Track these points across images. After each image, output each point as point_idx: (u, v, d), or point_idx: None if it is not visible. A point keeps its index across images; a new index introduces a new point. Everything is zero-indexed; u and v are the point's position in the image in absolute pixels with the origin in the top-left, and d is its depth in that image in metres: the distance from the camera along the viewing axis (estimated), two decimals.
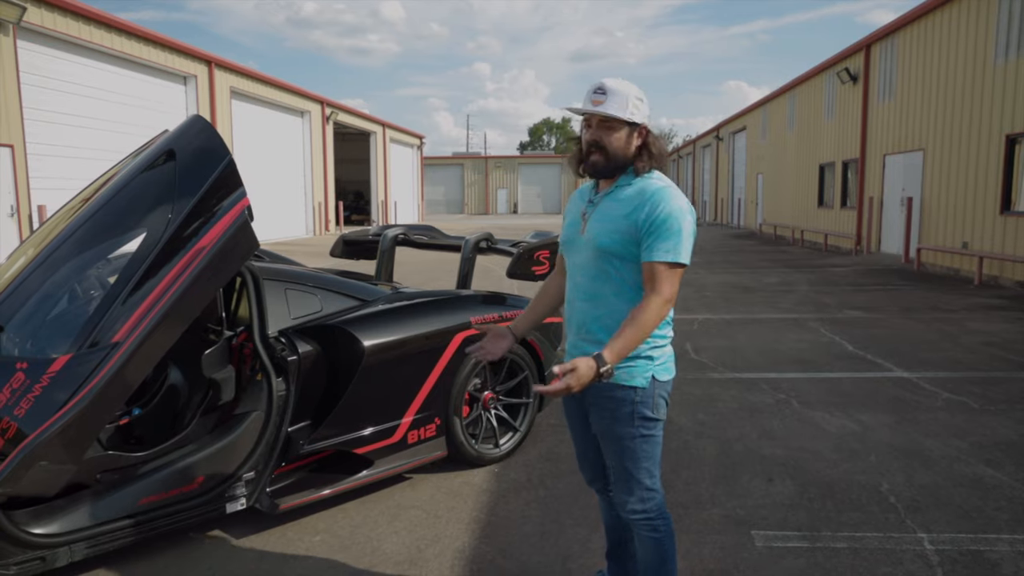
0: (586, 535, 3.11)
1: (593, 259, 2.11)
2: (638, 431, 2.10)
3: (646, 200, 2.03)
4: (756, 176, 27.68)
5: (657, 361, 2.11)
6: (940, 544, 2.98)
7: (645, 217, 2.02)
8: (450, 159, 55.06)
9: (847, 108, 17.89)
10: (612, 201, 2.11)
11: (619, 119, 2.05)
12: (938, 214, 13.22)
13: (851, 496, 3.46)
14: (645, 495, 2.16)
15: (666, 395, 2.15)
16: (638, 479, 2.15)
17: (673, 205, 2.01)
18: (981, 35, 11.76)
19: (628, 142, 2.08)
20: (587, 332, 2.14)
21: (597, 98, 2.05)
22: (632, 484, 2.15)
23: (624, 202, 2.08)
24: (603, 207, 2.12)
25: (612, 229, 2.07)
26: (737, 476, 3.73)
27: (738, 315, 8.63)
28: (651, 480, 2.17)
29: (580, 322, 2.17)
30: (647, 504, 2.17)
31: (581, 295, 2.16)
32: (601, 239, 2.08)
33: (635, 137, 2.09)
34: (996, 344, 6.80)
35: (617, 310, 2.08)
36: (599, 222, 2.11)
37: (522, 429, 4.06)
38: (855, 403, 4.97)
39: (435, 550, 3.02)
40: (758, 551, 2.95)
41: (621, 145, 2.07)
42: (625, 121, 2.06)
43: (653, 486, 2.17)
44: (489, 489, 3.61)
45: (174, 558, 2.97)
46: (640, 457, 2.13)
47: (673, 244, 1.99)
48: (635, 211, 2.04)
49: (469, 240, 4.49)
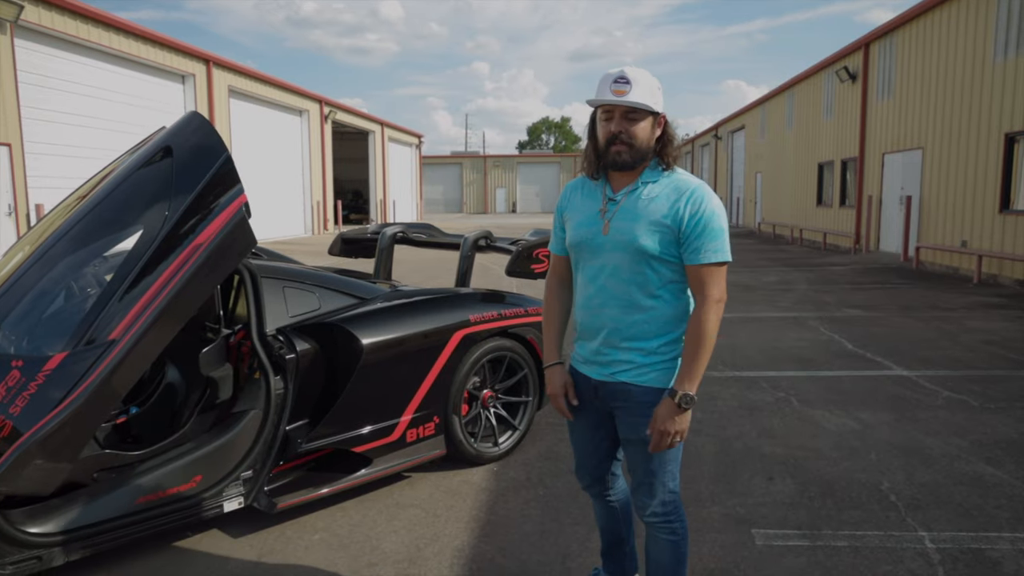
0: (585, 533, 3.10)
1: (628, 261, 2.01)
2: None
3: (687, 199, 1.97)
4: (755, 175, 27.68)
5: None
6: (941, 542, 2.97)
7: (689, 217, 1.96)
8: (449, 158, 55.01)
9: (846, 107, 17.88)
10: (643, 199, 2.01)
11: (645, 108, 1.98)
12: (937, 213, 13.21)
13: (851, 494, 3.44)
14: (667, 497, 2.12)
15: None
16: (663, 482, 2.11)
17: (715, 203, 1.98)
18: (980, 33, 11.75)
19: (652, 132, 2.02)
20: (621, 338, 2.05)
21: (620, 88, 1.95)
22: (656, 487, 2.11)
23: (660, 201, 2.00)
24: (632, 205, 2.02)
25: (653, 230, 1.98)
26: (737, 474, 3.72)
27: (737, 313, 8.62)
28: (674, 482, 2.13)
29: (611, 329, 2.06)
30: (668, 507, 2.13)
31: (612, 300, 2.05)
32: (641, 240, 1.98)
33: (657, 127, 2.04)
34: (996, 342, 6.79)
35: (661, 314, 2.03)
36: (631, 222, 2.00)
37: (521, 428, 4.04)
38: (855, 401, 4.96)
39: (434, 549, 3.00)
40: (758, 550, 2.94)
41: (647, 136, 2.00)
42: (650, 111, 1.99)
43: (676, 488, 2.14)
44: (488, 488, 3.60)
45: (171, 557, 2.95)
46: (668, 459, 2.09)
47: (721, 243, 1.97)
48: (677, 211, 1.97)
49: (468, 238, 4.47)
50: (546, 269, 4.14)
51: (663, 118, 2.05)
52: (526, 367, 4.01)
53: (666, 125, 2.06)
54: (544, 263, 4.26)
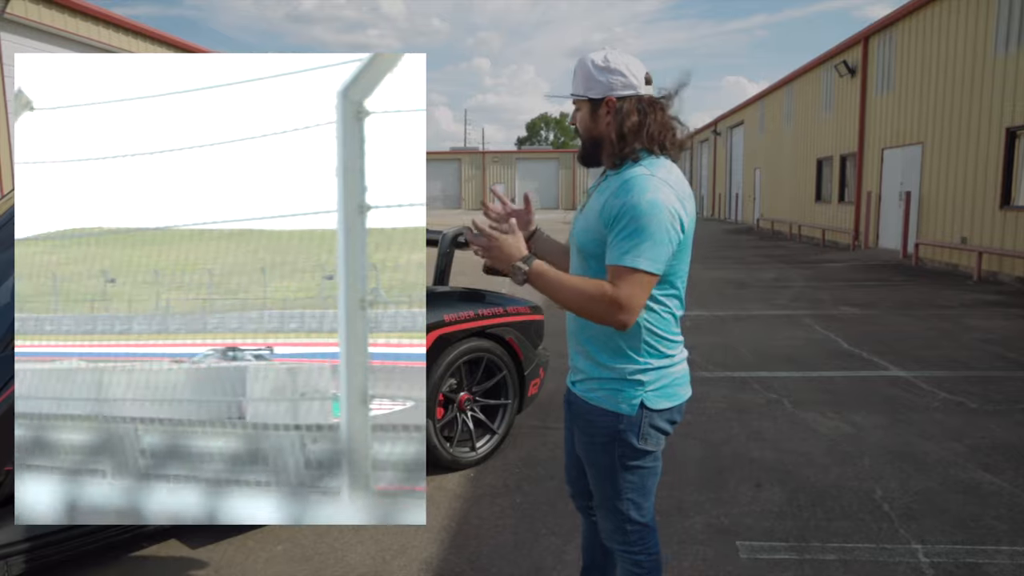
0: (560, 545, 2.94)
1: (577, 260, 1.88)
2: (621, 462, 1.84)
3: (616, 191, 1.73)
4: (754, 171, 27.50)
5: (649, 387, 1.81)
6: (935, 556, 2.81)
7: (609, 212, 1.72)
8: (447, 154, 54.79)
9: (845, 101, 17.70)
10: (596, 194, 1.85)
11: (578, 97, 1.83)
12: (937, 209, 13.05)
13: (842, 503, 3.29)
14: (628, 527, 1.91)
15: (663, 424, 1.84)
16: (620, 510, 1.89)
17: (642, 198, 1.66)
18: (981, 27, 11.57)
19: (594, 121, 1.82)
20: (577, 343, 1.92)
21: None
22: (614, 515, 1.91)
23: (600, 194, 1.80)
24: (591, 202, 1.86)
25: (586, 227, 1.82)
26: (723, 481, 3.56)
27: (731, 311, 8.46)
28: (637, 512, 1.90)
29: (571, 330, 1.94)
30: (631, 537, 1.92)
31: None
32: (580, 237, 1.85)
33: (604, 114, 1.80)
34: (995, 342, 6.63)
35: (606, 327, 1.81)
36: (581, 219, 1.88)
37: (500, 431, 3.88)
38: (849, 403, 4.80)
39: (401, 561, 2.85)
40: (742, 563, 2.78)
41: (587, 125, 1.84)
42: (584, 98, 1.82)
43: (640, 519, 1.90)
44: (463, 495, 3.44)
45: (126, 569, 2.80)
46: (623, 488, 1.87)
47: (634, 245, 1.65)
48: (604, 205, 1.74)
49: (446, 234, 4.30)
50: None
51: (611, 101, 1.78)
52: (505, 369, 3.85)
53: (619, 110, 1.78)
54: None
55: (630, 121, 1.77)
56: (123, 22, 14.69)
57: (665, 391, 1.83)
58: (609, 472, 1.86)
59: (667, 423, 1.86)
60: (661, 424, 1.84)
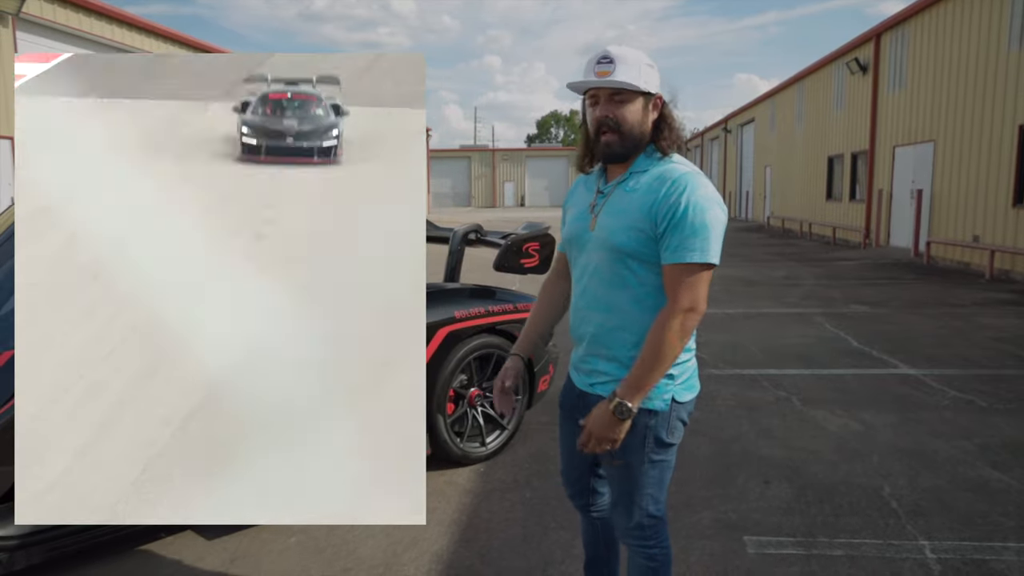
0: (569, 539, 2.98)
1: (608, 261, 1.80)
2: (648, 457, 1.85)
3: (668, 189, 1.72)
4: (764, 169, 27.39)
5: (678, 380, 1.83)
6: (942, 552, 2.82)
7: (667, 209, 1.70)
8: (457, 152, 54.90)
9: (856, 99, 17.61)
10: (628, 191, 1.79)
11: (632, 88, 1.75)
12: (949, 207, 12.97)
13: (850, 500, 3.30)
14: (645, 521, 1.92)
15: (686, 416, 1.88)
16: (640, 506, 1.90)
17: (701, 194, 1.70)
18: (995, 23, 11.48)
19: (645, 115, 1.79)
20: (601, 346, 1.86)
21: (603, 68, 1.74)
22: (633, 510, 1.92)
23: (642, 191, 1.76)
24: (617, 198, 1.81)
25: (628, 225, 1.76)
26: (732, 478, 3.58)
27: (741, 309, 8.46)
28: (655, 507, 1.91)
29: (593, 335, 1.87)
30: (646, 531, 1.94)
31: (594, 304, 1.86)
32: (616, 237, 1.77)
33: (651, 109, 1.80)
34: (1007, 340, 6.60)
35: (638, 322, 1.79)
36: (613, 216, 1.79)
37: (510, 427, 3.92)
38: (858, 401, 4.81)
39: (412, 554, 2.89)
40: (749, 558, 2.81)
41: (638, 119, 1.78)
42: (639, 91, 1.77)
43: (656, 513, 1.92)
44: (473, 490, 3.48)
45: (142, 560, 2.85)
46: (645, 484, 1.88)
47: (700, 242, 1.67)
48: (655, 202, 1.72)
49: (457, 231, 4.34)
50: (536, 265, 4.02)
51: (659, 99, 1.82)
52: None
53: (664, 107, 1.82)
54: (534, 258, 4.12)
55: (673, 119, 1.82)
56: (136, 21, 14.81)
57: (688, 383, 1.88)
58: (635, 470, 1.88)
59: (687, 415, 1.90)
60: (685, 416, 1.88)
